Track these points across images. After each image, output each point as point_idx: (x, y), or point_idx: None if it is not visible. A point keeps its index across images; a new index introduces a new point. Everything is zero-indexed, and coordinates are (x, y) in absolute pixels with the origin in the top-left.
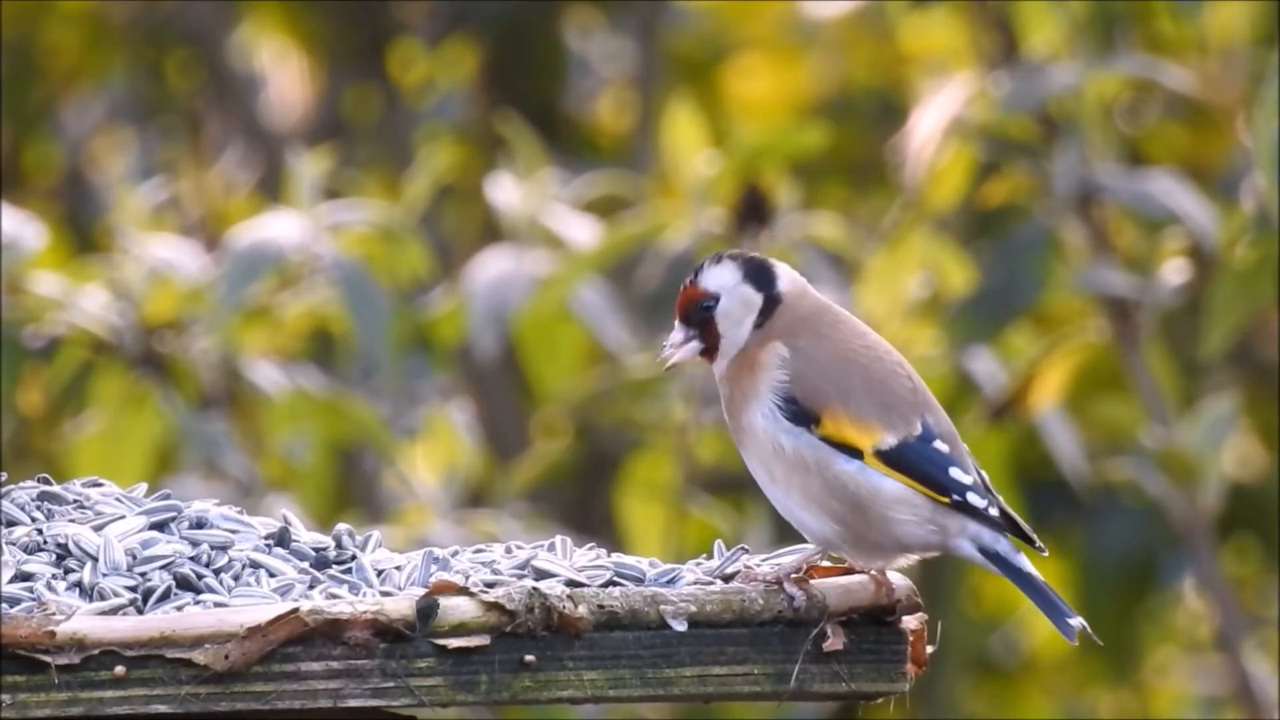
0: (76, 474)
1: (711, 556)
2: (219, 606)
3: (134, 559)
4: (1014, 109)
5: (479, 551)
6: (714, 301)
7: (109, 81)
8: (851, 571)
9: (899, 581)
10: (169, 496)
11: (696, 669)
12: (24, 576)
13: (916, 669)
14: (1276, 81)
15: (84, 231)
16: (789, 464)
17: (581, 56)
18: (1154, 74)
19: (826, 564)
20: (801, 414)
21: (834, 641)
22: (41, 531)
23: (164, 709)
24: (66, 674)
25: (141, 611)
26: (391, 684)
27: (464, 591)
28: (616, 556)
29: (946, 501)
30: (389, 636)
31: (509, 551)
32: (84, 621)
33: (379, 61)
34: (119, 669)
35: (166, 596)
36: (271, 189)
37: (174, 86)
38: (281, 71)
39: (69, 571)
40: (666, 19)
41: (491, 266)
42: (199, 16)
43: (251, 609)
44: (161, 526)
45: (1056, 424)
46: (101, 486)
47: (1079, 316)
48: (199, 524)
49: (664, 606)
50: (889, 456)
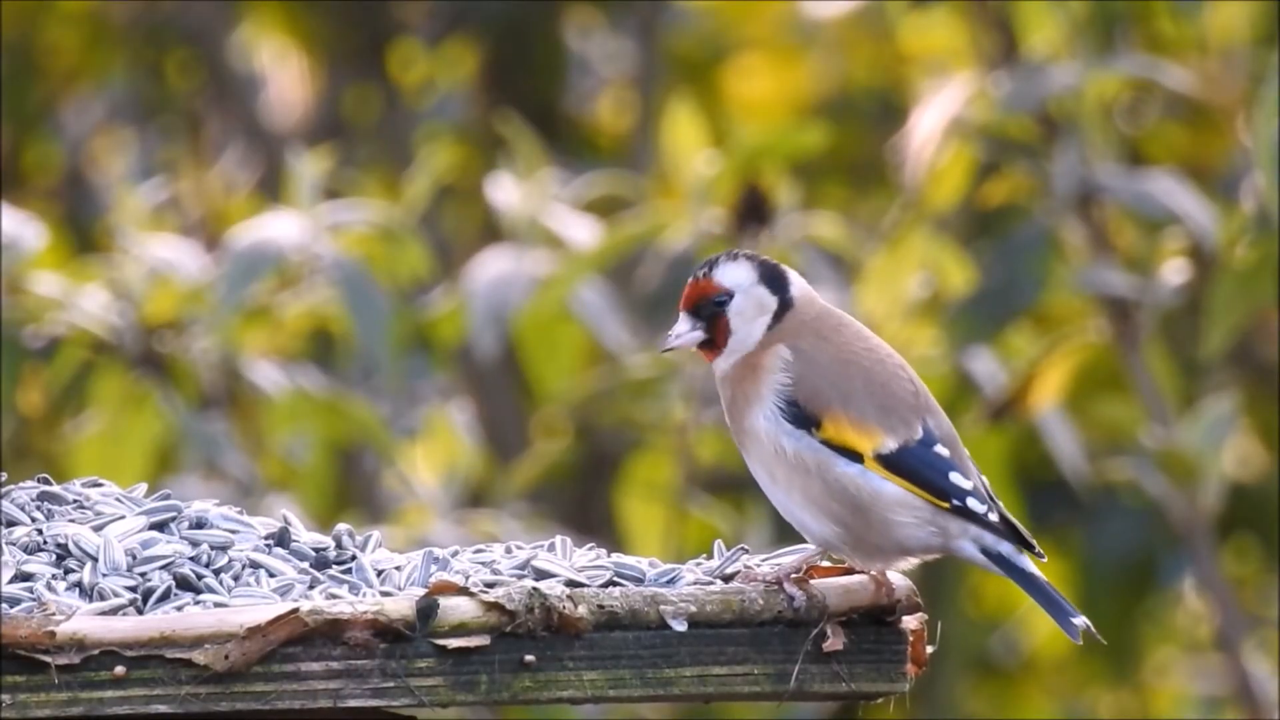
0: (76, 474)
1: (711, 556)
2: (219, 606)
3: (134, 559)
4: (1014, 109)
5: (479, 551)
6: (727, 298)
7: (109, 81)
8: (851, 572)
9: (899, 582)
10: (169, 496)
11: (696, 669)
12: (24, 576)
13: (916, 669)
14: (1276, 81)
15: (84, 231)
16: (790, 466)
17: (581, 56)
18: (1154, 74)
19: (826, 564)
20: (803, 417)
21: (834, 641)
22: (41, 531)
23: (164, 709)
24: (66, 674)
25: (141, 611)
26: (391, 684)
27: (464, 591)
28: (616, 556)
29: (946, 506)
30: (389, 636)
31: (509, 551)
32: (84, 621)
33: (379, 61)
34: (119, 669)
35: (166, 597)
36: (271, 189)
37: (174, 86)
38: (281, 71)
39: (69, 571)
40: (666, 19)
41: (491, 266)
42: (199, 16)
43: (251, 609)
44: (161, 526)
45: (1056, 424)
46: (101, 486)
47: (1079, 316)
48: (199, 524)
49: (664, 606)
50: (889, 460)
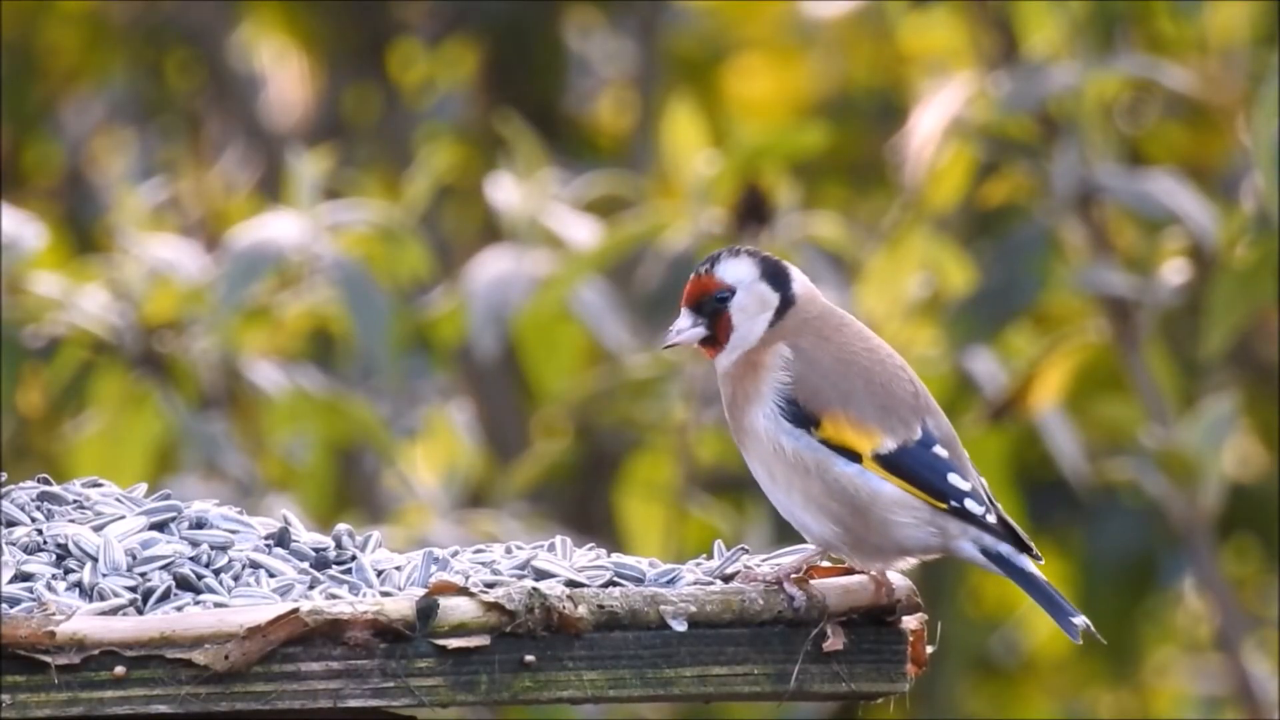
0: (76, 474)
1: (711, 556)
2: (219, 606)
3: (134, 559)
4: (1014, 109)
5: (479, 551)
6: (729, 294)
7: (109, 81)
8: (851, 572)
9: (899, 582)
10: (169, 496)
11: (696, 669)
12: (24, 576)
13: (916, 669)
14: (1276, 81)
15: (84, 231)
16: (789, 465)
17: (581, 56)
18: (1154, 74)
19: (826, 564)
20: (802, 416)
21: (834, 641)
22: (41, 531)
23: (164, 709)
24: (66, 674)
25: (141, 612)
26: (391, 684)
27: (464, 591)
28: (616, 556)
29: (944, 507)
30: (389, 636)
31: (509, 552)
32: (84, 621)
33: (379, 61)
34: (119, 669)
35: (166, 597)
36: (271, 189)
37: (174, 86)
38: (281, 71)
39: (69, 572)
40: (666, 19)
41: (491, 266)
42: (199, 16)
43: (251, 609)
44: (161, 527)
45: (1056, 424)
46: (101, 486)
47: (1079, 316)
48: (199, 524)
49: (664, 606)
50: (888, 460)
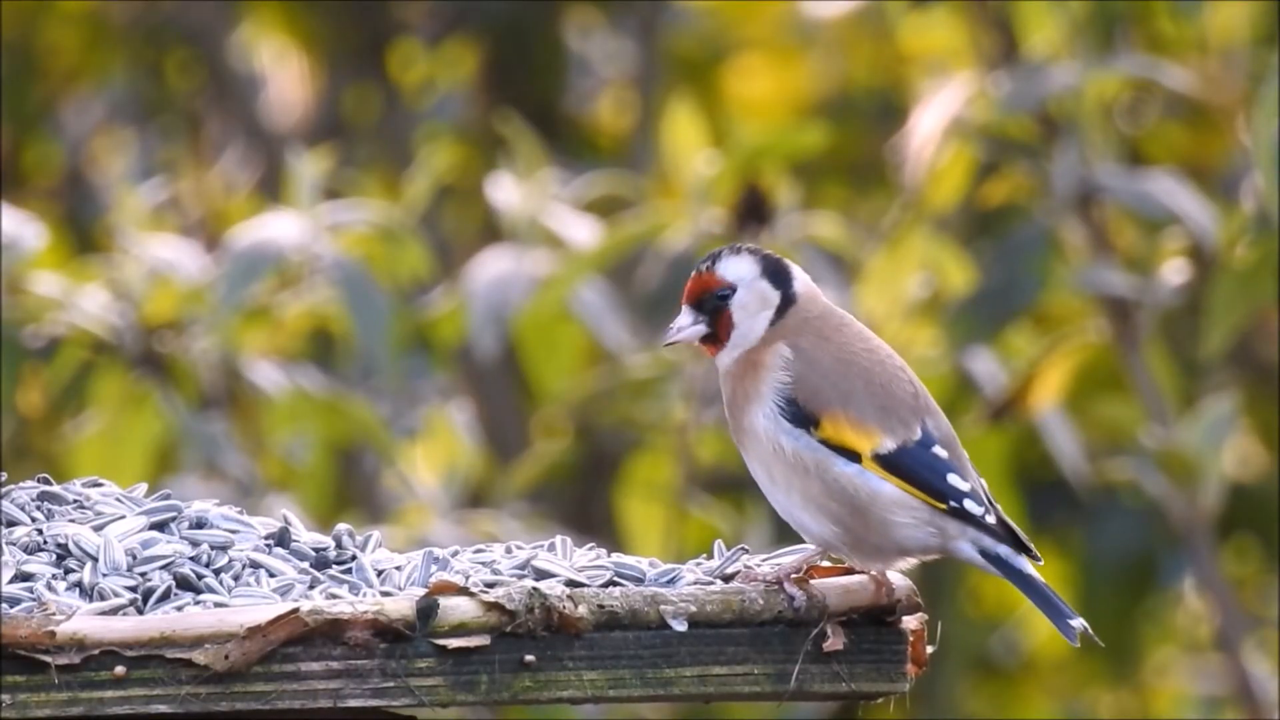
0: (76, 474)
1: (711, 556)
2: (219, 606)
3: (134, 559)
4: (1014, 109)
5: (479, 551)
6: (730, 291)
7: (109, 81)
8: (851, 571)
9: (899, 582)
10: (169, 496)
11: (696, 669)
12: (24, 576)
13: (916, 669)
14: (1276, 81)
15: (84, 231)
16: (789, 465)
17: (581, 56)
18: (1154, 74)
19: (826, 564)
20: (802, 416)
21: (834, 641)
22: (41, 531)
23: (164, 709)
24: (66, 674)
25: (141, 611)
26: (391, 684)
27: (464, 591)
28: (616, 556)
29: (944, 507)
30: (389, 636)
31: (509, 551)
32: (84, 621)
33: (379, 61)
34: (119, 669)
35: (166, 596)
36: (271, 189)
37: (174, 86)
38: (281, 71)
39: (69, 571)
40: (666, 19)
41: (491, 266)
42: (199, 16)
43: (251, 609)
44: (161, 526)
45: (1056, 424)
46: (101, 486)
47: (1079, 316)
48: (199, 524)
49: (664, 606)
50: (887, 460)
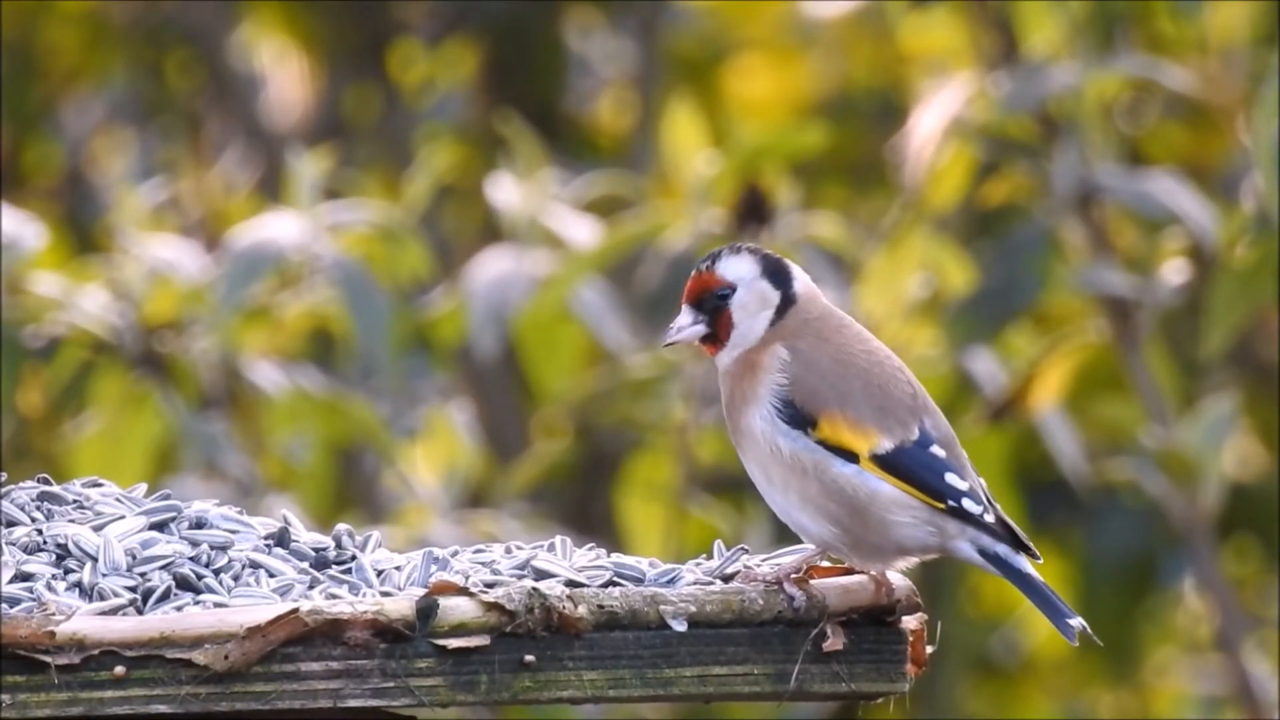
0: (76, 474)
1: (711, 556)
2: (219, 606)
3: (134, 559)
4: (1014, 109)
5: (479, 551)
6: (730, 291)
7: (109, 81)
8: (851, 571)
9: (899, 582)
10: (169, 496)
11: (696, 669)
12: (24, 576)
13: (916, 669)
14: (1276, 81)
15: (84, 231)
16: (786, 467)
17: (581, 56)
18: (1154, 74)
19: (826, 564)
20: (799, 417)
21: (834, 641)
22: (41, 531)
23: (164, 709)
24: (66, 674)
25: (141, 612)
26: (391, 684)
27: (464, 591)
28: (616, 556)
29: (942, 507)
30: (389, 636)
31: (509, 552)
32: (84, 621)
33: (379, 61)
34: (119, 669)
35: (166, 597)
36: (271, 189)
37: (174, 86)
38: (281, 71)
39: (69, 571)
40: (666, 19)
41: (491, 266)
42: (199, 16)
43: (251, 609)
44: (161, 526)
45: (1056, 424)
46: (101, 486)
47: (1079, 316)
48: (199, 524)
49: (664, 606)
50: (885, 460)
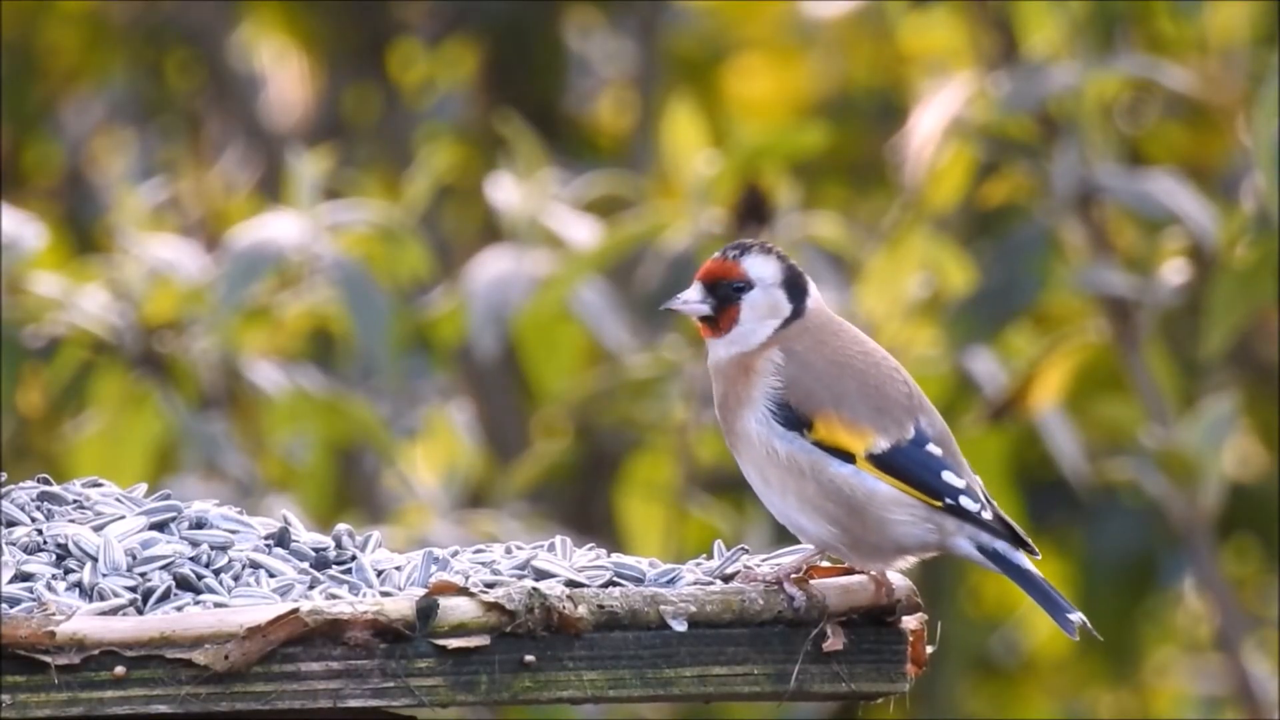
0: (76, 474)
1: (711, 556)
2: (219, 607)
3: (134, 559)
4: (1014, 109)
5: (479, 552)
6: (747, 286)
7: (109, 81)
8: (851, 571)
9: (899, 581)
10: (169, 496)
11: (696, 669)
12: (24, 576)
13: (916, 669)
14: (1276, 81)
15: (84, 231)
16: (783, 469)
17: (581, 56)
18: (1154, 74)
19: (826, 564)
20: (795, 419)
21: (834, 641)
22: (41, 531)
23: (164, 709)
24: (66, 674)
25: (141, 612)
26: (391, 684)
27: (464, 592)
28: (616, 556)
29: (939, 505)
30: (389, 636)
31: (509, 552)
32: (84, 622)
33: (379, 61)
34: (119, 669)
35: (166, 597)
36: (271, 189)
37: (174, 86)
38: (281, 71)
39: (69, 572)
40: (666, 19)
41: (491, 266)
42: (199, 16)
43: (251, 609)
44: (161, 527)
45: (1056, 424)
46: (101, 486)
47: (1079, 316)
48: (199, 524)
49: (664, 606)
50: (881, 460)
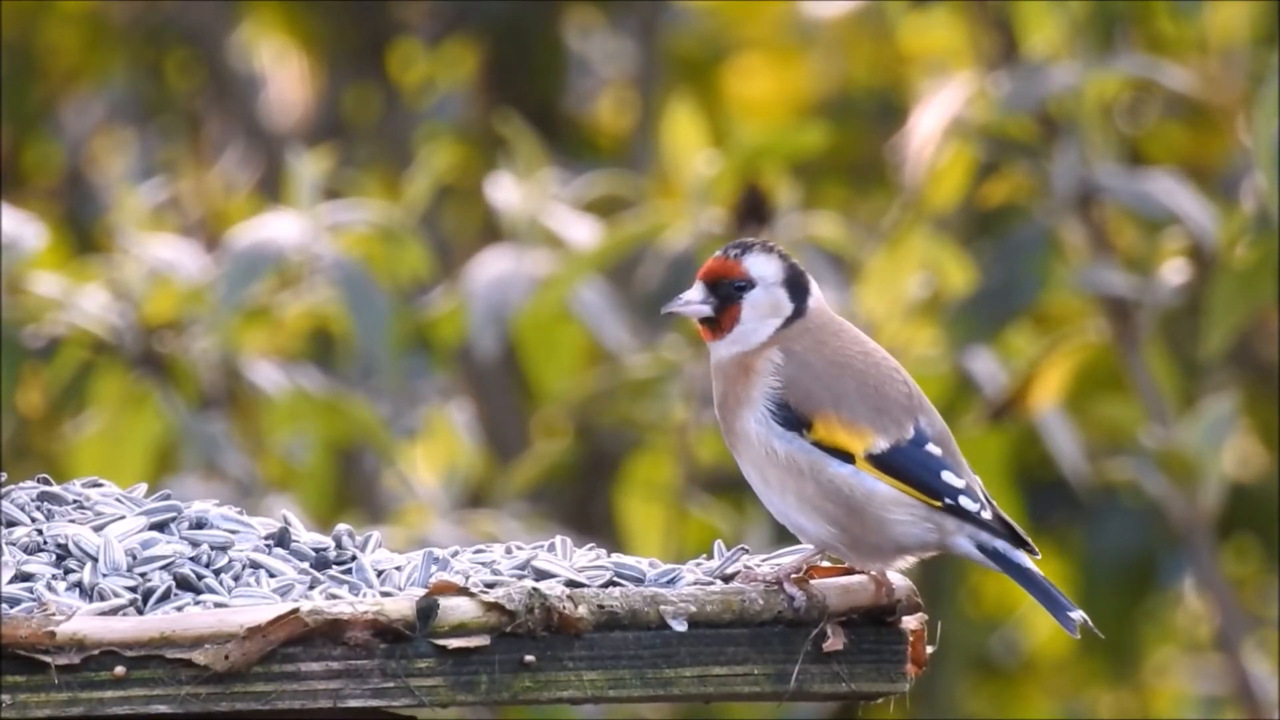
0: (76, 474)
1: (711, 556)
2: (219, 607)
3: (134, 559)
4: (1014, 109)
5: (479, 552)
6: (749, 286)
7: (109, 81)
8: (851, 571)
9: (899, 581)
10: (169, 496)
11: (696, 669)
12: (24, 576)
13: (916, 669)
14: (1276, 81)
15: (84, 231)
16: (782, 469)
17: (581, 56)
18: (1154, 74)
19: (826, 564)
20: (794, 419)
21: (834, 641)
22: (41, 532)
23: (164, 709)
24: (66, 674)
25: (141, 612)
26: (391, 684)
27: (464, 592)
28: (616, 556)
29: (939, 505)
30: (389, 637)
31: (509, 552)
32: (84, 622)
33: (379, 61)
34: (119, 669)
35: (166, 597)
36: (271, 189)
37: (174, 86)
38: (281, 71)
39: (69, 572)
40: (666, 19)
41: (491, 266)
42: (199, 16)
43: (251, 609)
44: (161, 527)
45: (1056, 424)
46: (101, 487)
47: (1079, 316)
48: (199, 524)
49: (664, 607)
50: (881, 460)
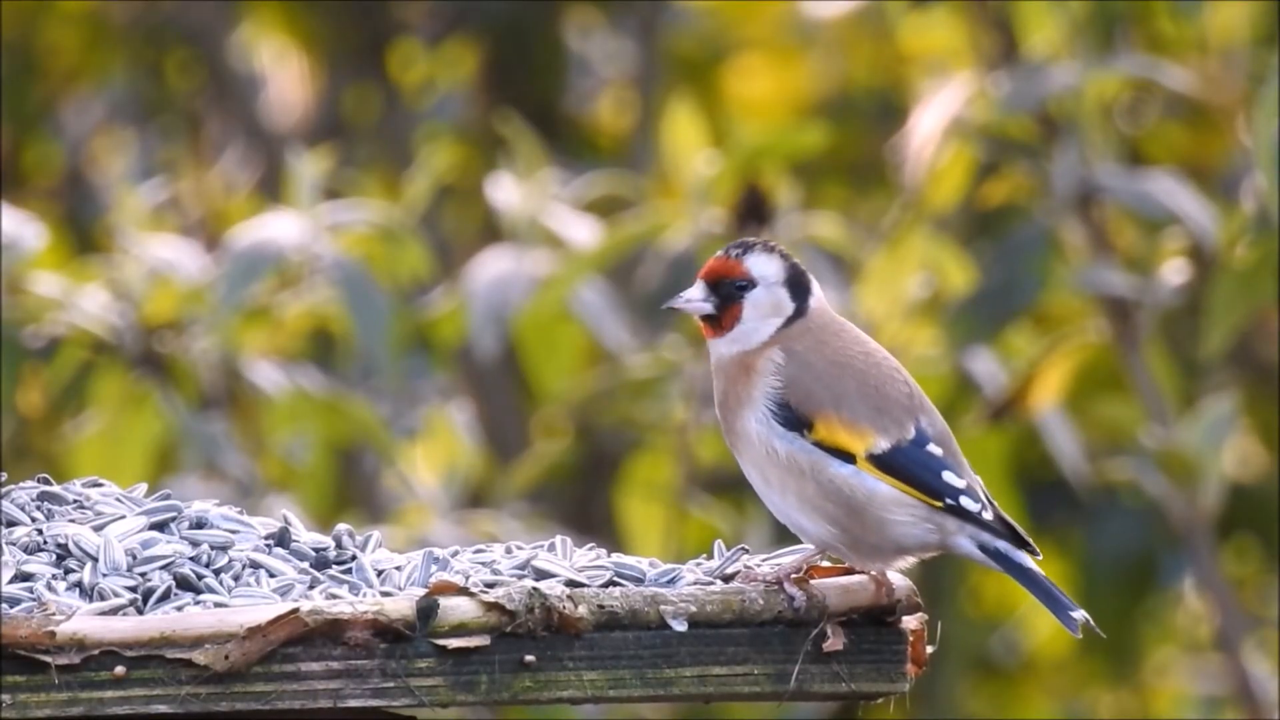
0: (76, 474)
1: (711, 556)
2: (219, 606)
3: (134, 559)
4: (1014, 109)
5: (479, 552)
6: (750, 285)
7: (109, 81)
8: (851, 571)
9: (899, 581)
10: (169, 496)
11: (696, 669)
12: (24, 576)
13: (916, 669)
14: (1276, 81)
15: (84, 231)
16: (783, 469)
17: (581, 56)
18: (1154, 74)
19: (826, 564)
20: (795, 419)
21: (834, 641)
22: (41, 531)
23: (164, 709)
24: (66, 674)
25: (141, 612)
26: (391, 684)
27: (464, 591)
28: (616, 556)
29: (939, 505)
30: (389, 636)
31: (509, 552)
32: (84, 621)
33: (379, 61)
34: (119, 669)
35: (166, 597)
36: (271, 189)
37: (174, 86)
38: (281, 71)
39: (69, 572)
40: (666, 19)
41: (491, 266)
42: (199, 16)
43: (251, 609)
44: (161, 526)
45: (1056, 424)
46: (101, 486)
47: (1079, 316)
48: (199, 524)
49: (664, 606)
50: (881, 460)
